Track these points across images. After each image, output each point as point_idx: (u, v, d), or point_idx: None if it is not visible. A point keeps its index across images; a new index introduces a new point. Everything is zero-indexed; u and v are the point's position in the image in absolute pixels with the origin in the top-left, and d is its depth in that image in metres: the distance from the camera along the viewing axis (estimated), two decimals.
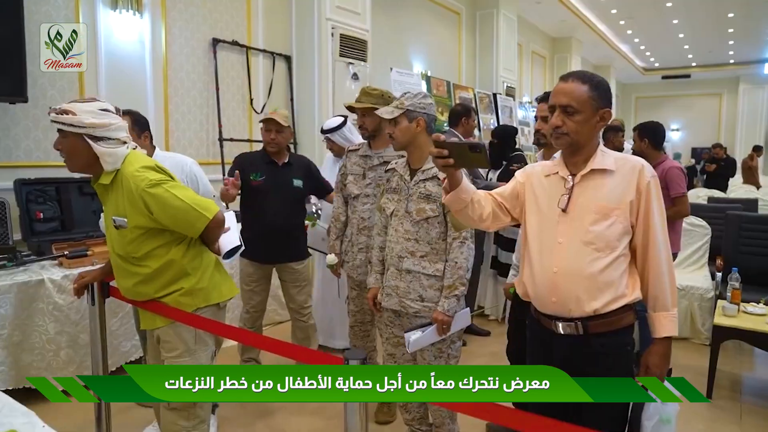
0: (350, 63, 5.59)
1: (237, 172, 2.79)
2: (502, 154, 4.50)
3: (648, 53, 16.03)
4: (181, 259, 1.86)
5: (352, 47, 5.57)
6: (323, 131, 3.82)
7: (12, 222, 3.41)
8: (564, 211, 1.61)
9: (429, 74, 7.60)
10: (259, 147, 5.15)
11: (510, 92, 9.40)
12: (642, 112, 19.22)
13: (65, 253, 3.06)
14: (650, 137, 3.45)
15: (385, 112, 2.25)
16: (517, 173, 1.81)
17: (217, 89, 4.85)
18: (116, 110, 1.78)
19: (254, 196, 3.04)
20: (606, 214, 1.56)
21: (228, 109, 4.99)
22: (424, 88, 7.10)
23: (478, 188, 1.72)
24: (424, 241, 2.17)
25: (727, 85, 18.01)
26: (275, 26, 5.42)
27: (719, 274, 3.94)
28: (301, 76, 5.53)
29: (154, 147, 2.87)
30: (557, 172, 1.67)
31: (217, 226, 1.88)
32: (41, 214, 3.49)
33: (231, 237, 1.94)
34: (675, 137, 18.72)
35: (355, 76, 5.61)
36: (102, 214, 2.00)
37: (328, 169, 3.85)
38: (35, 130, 3.76)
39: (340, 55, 5.44)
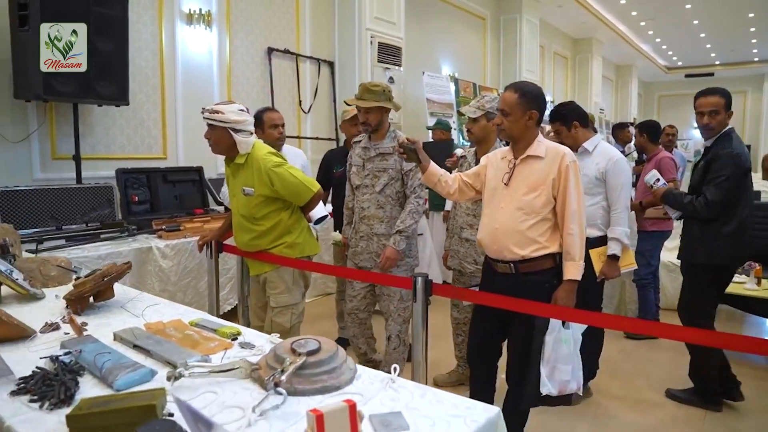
0: (387, 68, 6.23)
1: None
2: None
3: (670, 52, 16.29)
4: (287, 220, 2.55)
5: (388, 53, 6.22)
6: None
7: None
8: (506, 184, 2.23)
9: (456, 76, 8.20)
10: (307, 143, 5.88)
11: None
12: (665, 111, 19.37)
13: (163, 227, 3.75)
14: (648, 133, 4.06)
15: (469, 111, 2.84)
16: (482, 158, 2.44)
17: (272, 92, 5.54)
18: (247, 110, 2.46)
19: (336, 185, 3.68)
20: (534, 188, 2.16)
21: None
22: (452, 90, 7.71)
23: None
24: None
25: (752, 83, 18.07)
26: (320, 36, 6.09)
27: None
28: (343, 80, 6.19)
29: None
30: (506, 156, 2.29)
31: (317, 198, 2.58)
32: (136, 198, 4.20)
33: (320, 209, 2.64)
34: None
35: (391, 80, 6.25)
36: (224, 188, 2.68)
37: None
38: (128, 129, 4.48)
39: (378, 61, 6.08)
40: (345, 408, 0.98)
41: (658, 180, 3.00)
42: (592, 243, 2.82)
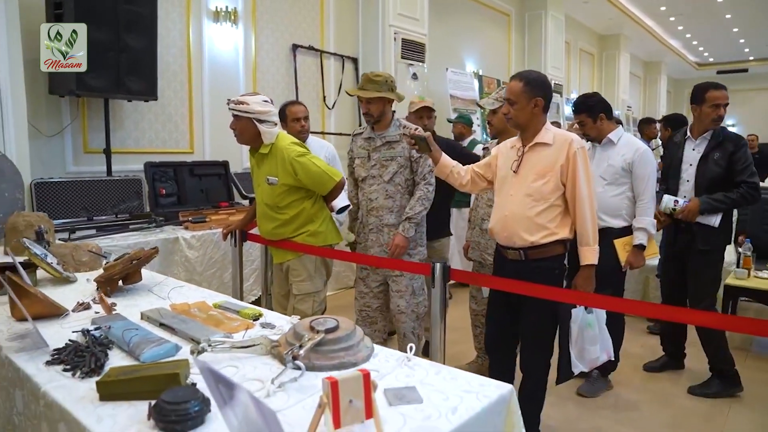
0: (410, 64, 6.25)
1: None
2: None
3: (701, 48, 15.93)
4: (310, 209, 2.61)
5: (412, 50, 6.23)
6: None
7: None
8: (515, 172, 2.25)
9: (480, 73, 8.18)
10: (330, 138, 5.94)
11: (557, 89, 9.84)
12: None
13: (189, 219, 3.84)
14: (673, 127, 4.03)
15: (487, 103, 2.87)
16: (493, 148, 2.48)
17: (296, 88, 5.61)
18: (271, 101, 2.52)
19: None
20: (543, 174, 2.18)
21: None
22: (476, 86, 7.69)
23: None
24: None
25: None
26: (344, 32, 6.14)
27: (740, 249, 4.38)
28: None
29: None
30: (515, 145, 2.30)
31: (339, 187, 2.63)
32: (164, 190, 4.31)
33: (342, 198, 2.68)
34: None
35: (414, 76, 6.27)
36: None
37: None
38: (156, 124, 4.59)
39: (402, 57, 6.11)
40: (359, 376, 1.01)
41: (677, 201, 2.97)
42: (616, 233, 2.84)
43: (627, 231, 2.87)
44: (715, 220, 2.93)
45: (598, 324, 2.27)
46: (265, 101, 2.47)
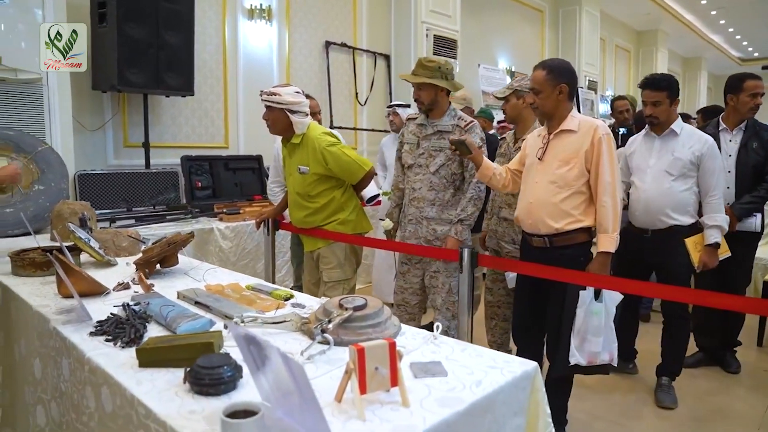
0: None
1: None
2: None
3: (744, 43, 15.40)
4: (340, 198, 2.66)
5: (444, 46, 6.24)
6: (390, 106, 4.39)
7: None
8: (540, 159, 2.25)
9: (513, 69, 8.12)
10: (363, 135, 5.99)
11: (592, 86, 9.70)
12: None
13: (224, 210, 3.94)
14: (711, 119, 3.89)
15: (497, 92, 2.88)
16: (523, 143, 2.47)
17: (329, 85, 5.68)
18: (303, 93, 2.58)
19: None
20: (567, 161, 2.17)
21: (337, 102, 5.81)
22: (508, 82, 7.63)
23: None
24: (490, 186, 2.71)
25: None
26: (377, 29, 6.19)
27: None
28: (399, 72, 6.25)
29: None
30: (542, 134, 2.30)
31: (369, 176, 2.68)
32: (199, 183, 4.43)
33: (372, 188, 2.72)
34: None
35: None
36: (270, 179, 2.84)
37: (389, 146, 4.36)
38: (192, 119, 4.72)
39: (434, 54, 6.11)
40: (385, 345, 1.04)
41: None
42: (685, 231, 2.70)
43: (694, 228, 2.72)
44: (755, 224, 2.94)
45: (605, 316, 2.17)
46: (297, 92, 2.53)
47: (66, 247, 2.02)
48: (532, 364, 1.26)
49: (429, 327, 1.44)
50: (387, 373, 1.04)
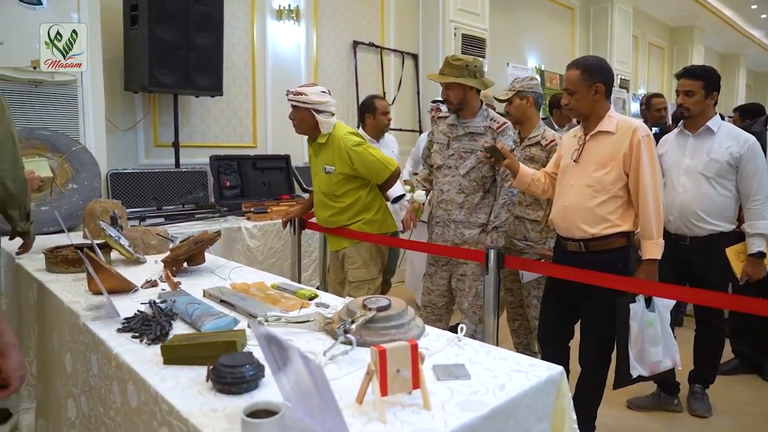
0: None
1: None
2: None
3: None
4: (365, 198, 2.67)
5: (472, 45, 6.19)
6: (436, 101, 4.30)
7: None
8: (576, 161, 2.18)
9: (543, 68, 8.01)
10: (390, 134, 5.97)
11: (624, 84, 9.49)
12: None
13: (251, 209, 3.98)
14: (749, 118, 3.78)
15: (501, 94, 2.85)
16: (559, 145, 2.42)
17: (357, 84, 5.69)
18: (329, 92, 2.59)
19: None
20: (604, 164, 2.09)
21: None
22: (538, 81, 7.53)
23: None
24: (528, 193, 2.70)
25: None
26: (405, 28, 6.17)
27: None
28: (426, 72, 6.21)
29: None
30: (578, 134, 2.24)
31: (394, 176, 2.67)
32: (228, 183, 4.48)
33: (398, 188, 2.72)
34: None
35: None
36: None
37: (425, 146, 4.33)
38: (221, 119, 4.78)
39: (462, 53, 6.06)
40: (407, 346, 1.03)
41: None
42: (727, 240, 2.55)
43: (736, 236, 2.56)
44: None
45: (660, 324, 2.12)
46: (323, 92, 2.54)
47: (97, 244, 2.06)
48: (558, 369, 1.23)
49: (455, 328, 1.42)
50: (409, 375, 1.03)
